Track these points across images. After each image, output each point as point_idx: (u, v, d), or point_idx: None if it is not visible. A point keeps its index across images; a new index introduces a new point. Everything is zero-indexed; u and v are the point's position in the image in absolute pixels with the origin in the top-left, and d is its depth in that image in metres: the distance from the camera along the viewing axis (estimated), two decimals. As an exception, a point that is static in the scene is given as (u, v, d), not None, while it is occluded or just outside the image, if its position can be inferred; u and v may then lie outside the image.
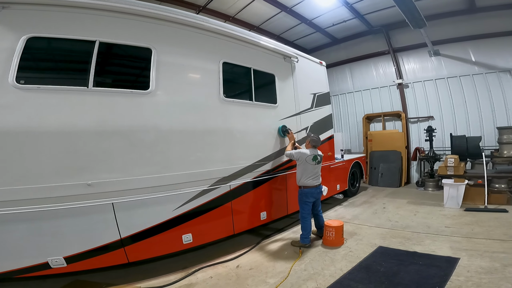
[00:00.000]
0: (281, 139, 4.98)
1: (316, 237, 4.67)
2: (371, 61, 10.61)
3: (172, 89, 3.62)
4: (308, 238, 4.34)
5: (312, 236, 4.59)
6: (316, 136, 4.58)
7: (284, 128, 4.96)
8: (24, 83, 2.70)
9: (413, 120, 9.77)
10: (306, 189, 4.35)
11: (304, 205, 4.39)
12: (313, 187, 4.37)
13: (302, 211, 4.41)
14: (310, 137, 4.57)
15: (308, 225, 4.35)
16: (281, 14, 8.61)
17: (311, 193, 4.36)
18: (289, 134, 4.92)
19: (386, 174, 9.40)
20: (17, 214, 2.66)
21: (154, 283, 3.35)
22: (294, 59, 5.42)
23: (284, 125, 4.98)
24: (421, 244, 4.21)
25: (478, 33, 8.26)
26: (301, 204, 4.42)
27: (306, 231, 4.34)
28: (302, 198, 4.39)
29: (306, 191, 4.35)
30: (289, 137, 4.92)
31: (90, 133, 3.01)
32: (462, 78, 8.68)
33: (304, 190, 4.37)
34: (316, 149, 4.48)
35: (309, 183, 4.34)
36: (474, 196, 6.27)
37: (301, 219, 4.42)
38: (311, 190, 4.36)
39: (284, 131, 4.94)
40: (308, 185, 4.34)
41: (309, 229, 4.35)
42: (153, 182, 3.36)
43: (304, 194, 4.36)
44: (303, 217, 4.39)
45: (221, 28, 4.12)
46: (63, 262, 2.93)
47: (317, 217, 4.66)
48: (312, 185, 4.35)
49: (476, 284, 2.98)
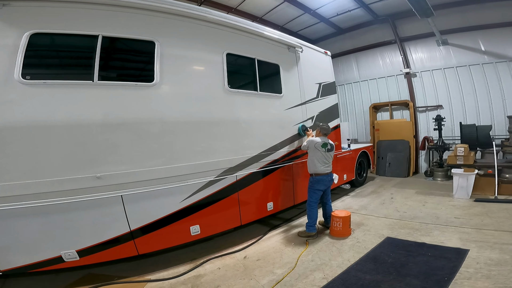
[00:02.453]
0: (287, 129, 5.03)
1: (323, 228, 4.68)
2: (377, 51, 10.42)
3: (176, 81, 3.62)
4: (314, 227, 4.36)
5: (319, 227, 4.59)
6: (326, 125, 4.61)
7: (303, 127, 5.25)
8: (30, 79, 2.72)
9: (422, 109, 9.60)
10: (318, 176, 4.35)
11: (313, 193, 4.40)
12: (324, 174, 4.37)
13: (310, 199, 4.42)
14: (319, 126, 4.58)
15: (315, 213, 4.37)
16: (284, 5, 8.47)
17: (322, 180, 4.36)
18: (308, 132, 5.11)
19: (393, 163, 9.31)
20: (30, 209, 2.71)
21: (164, 275, 3.40)
22: (299, 49, 5.35)
23: (303, 125, 5.26)
24: (429, 235, 4.17)
25: (487, 23, 8.02)
26: (311, 192, 4.42)
27: (312, 219, 4.35)
28: (313, 186, 4.39)
29: (318, 179, 4.35)
30: (308, 134, 5.06)
31: (97, 126, 3.03)
32: (471, 67, 8.48)
33: (315, 178, 4.36)
34: (326, 138, 4.50)
35: (321, 170, 4.33)
36: (484, 186, 6.18)
37: (308, 207, 4.42)
38: (323, 177, 4.36)
39: (304, 130, 5.22)
40: (320, 172, 4.34)
41: (315, 217, 4.36)
42: (160, 174, 3.38)
43: (316, 182, 4.36)
44: (310, 205, 4.40)
45: (224, 20, 4.09)
46: (75, 255, 2.99)
47: (326, 206, 4.67)
48: (323, 173, 4.35)
49: (486, 276, 2.95)
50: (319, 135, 4.54)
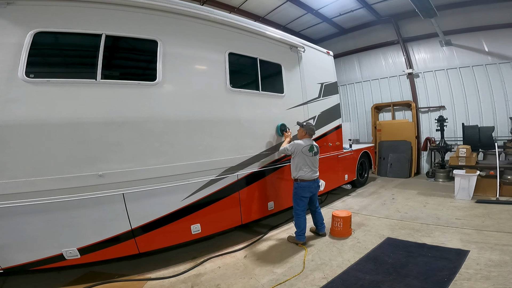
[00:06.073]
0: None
1: (316, 235, 4.42)
2: (380, 51, 10.39)
3: (178, 80, 3.63)
4: (303, 235, 4.11)
5: (312, 235, 4.44)
6: (311, 124, 4.26)
7: (283, 127, 4.72)
8: (34, 77, 2.74)
9: (424, 110, 9.57)
10: (304, 182, 4.02)
11: (299, 201, 4.07)
12: (310, 180, 4.05)
13: (297, 207, 4.09)
14: (305, 126, 4.18)
15: (303, 222, 4.09)
16: (286, 4, 8.46)
17: (308, 187, 4.04)
18: (286, 133, 4.58)
19: (395, 164, 9.29)
20: (32, 206, 2.73)
21: (164, 273, 3.42)
22: (301, 49, 5.35)
23: (283, 124, 4.74)
24: (430, 236, 4.17)
25: (491, 23, 7.98)
26: (296, 199, 4.09)
27: (300, 228, 4.08)
28: (298, 193, 4.06)
29: (303, 185, 4.02)
30: (286, 135, 4.55)
31: (100, 124, 3.05)
32: (474, 68, 8.44)
33: (300, 184, 4.02)
34: (311, 140, 4.17)
35: (307, 176, 4.02)
36: (486, 187, 6.15)
37: (294, 216, 4.12)
38: (309, 183, 4.04)
39: (282, 130, 4.69)
40: (305, 179, 4.01)
41: (303, 226, 4.09)
42: (162, 172, 3.40)
43: (301, 188, 4.02)
44: (297, 214, 4.09)
45: (226, 19, 4.10)
46: (77, 253, 3.01)
47: (316, 214, 4.36)
48: (309, 179, 4.04)
49: (485, 277, 2.95)
50: (303, 137, 4.18)
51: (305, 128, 4.17)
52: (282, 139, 4.73)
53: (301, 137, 4.22)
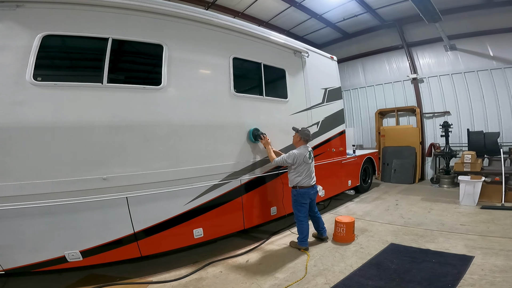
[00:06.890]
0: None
1: (318, 240, 4.42)
2: (384, 56, 10.40)
3: (183, 84, 3.65)
4: (306, 241, 4.08)
5: (314, 240, 4.42)
6: (307, 129, 4.17)
7: (256, 131, 4.25)
8: (41, 80, 2.78)
9: (428, 115, 9.53)
10: (302, 189, 4.01)
11: (300, 207, 4.05)
12: (309, 187, 4.04)
13: (298, 214, 4.07)
14: (300, 131, 4.09)
15: (305, 228, 4.06)
16: (290, 9, 8.52)
17: (307, 193, 4.03)
18: (263, 140, 4.22)
19: (399, 170, 9.23)
20: (36, 208, 2.75)
21: (166, 277, 3.41)
22: (305, 54, 5.37)
23: (256, 128, 4.27)
24: (434, 241, 4.13)
25: (496, 28, 7.96)
26: (297, 206, 4.08)
27: (303, 234, 4.06)
28: (298, 200, 4.05)
29: (302, 192, 4.00)
30: (264, 143, 4.25)
31: (105, 128, 3.08)
32: (479, 73, 8.40)
33: (299, 191, 4.01)
34: (306, 146, 4.11)
35: (306, 183, 4.01)
36: (491, 193, 6.10)
37: (297, 222, 4.12)
38: (308, 190, 4.03)
39: (255, 136, 4.23)
40: (304, 185, 4.01)
41: (306, 233, 4.06)
42: (165, 176, 3.41)
43: (300, 195, 4.01)
44: (299, 220, 4.07)
45: (230, 24, 4.13)
46: (79, 255, 3.01)
47: (315, 219, 4.35)
48: (308, 185, 4.03)
49: (490, 282, 2.92)
50: (298, 143, 4.12)
51: (300, 134, 4.10)
52: (288, 143, 4.61)
53: (296, 143, 4.17)
